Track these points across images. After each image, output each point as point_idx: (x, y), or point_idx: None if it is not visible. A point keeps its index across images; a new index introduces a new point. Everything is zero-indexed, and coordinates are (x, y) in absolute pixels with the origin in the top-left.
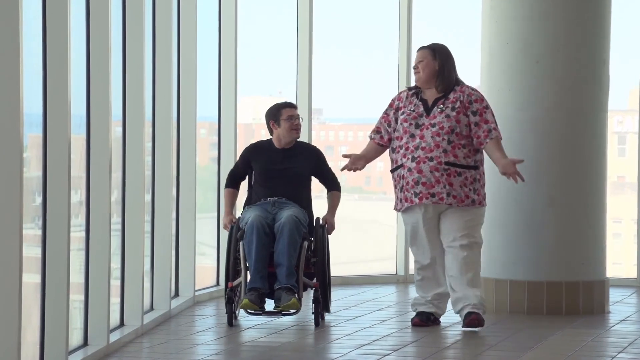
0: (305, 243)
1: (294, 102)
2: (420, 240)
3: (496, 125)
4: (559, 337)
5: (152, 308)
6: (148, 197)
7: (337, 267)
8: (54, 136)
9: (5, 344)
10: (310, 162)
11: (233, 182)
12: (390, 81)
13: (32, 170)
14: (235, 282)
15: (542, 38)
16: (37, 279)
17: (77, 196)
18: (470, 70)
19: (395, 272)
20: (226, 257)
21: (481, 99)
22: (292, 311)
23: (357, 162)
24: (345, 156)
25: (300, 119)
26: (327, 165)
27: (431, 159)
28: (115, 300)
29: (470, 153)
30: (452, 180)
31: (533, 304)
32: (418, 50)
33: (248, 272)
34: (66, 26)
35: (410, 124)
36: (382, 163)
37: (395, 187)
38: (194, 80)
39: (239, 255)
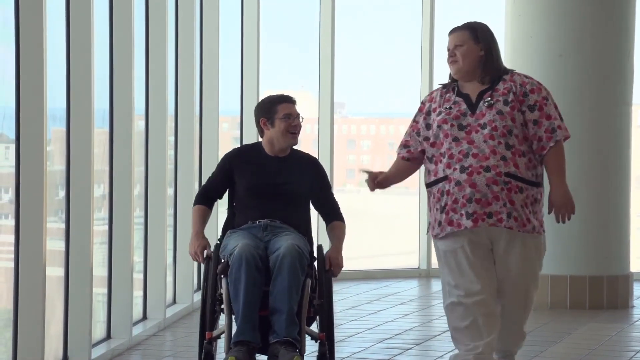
0: (309, 281)
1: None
2: (466, 274)
3: (562, 121)
4: (583, 332)
5: (174, 301)
6: (170, 191)
7: (360, 261)
8: (77, 130)
9: (29, 337)
10: (309, 177)
11: (205, 199)
12: (412, 75)
13: (56, 164)
14: (216, 333)
15: (566, 31)
16: (61, 272)
17: (100, 190)
18: None
19: (417, 266)
20: (201, 298)
21: (539, 88)
22: None
23: (384, 183)
24: (365, 171)
25: (301, 119)
26: (329, 185)
27: (487, 169)
28: (138, 293)
29: (530, 164)
30: (512, 197)
31: (556, 298)
32: (452, 32)
33: (233, 319)
34: (89, 21)
35: (452, 126)
36: None
37: (434, 205)
38: (216, 74)
39: (221, 296)
